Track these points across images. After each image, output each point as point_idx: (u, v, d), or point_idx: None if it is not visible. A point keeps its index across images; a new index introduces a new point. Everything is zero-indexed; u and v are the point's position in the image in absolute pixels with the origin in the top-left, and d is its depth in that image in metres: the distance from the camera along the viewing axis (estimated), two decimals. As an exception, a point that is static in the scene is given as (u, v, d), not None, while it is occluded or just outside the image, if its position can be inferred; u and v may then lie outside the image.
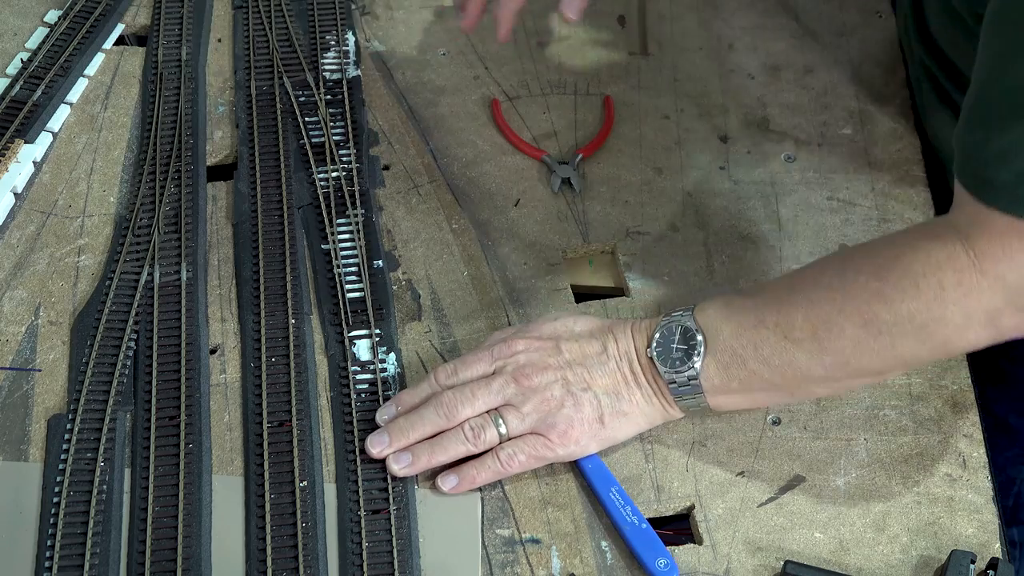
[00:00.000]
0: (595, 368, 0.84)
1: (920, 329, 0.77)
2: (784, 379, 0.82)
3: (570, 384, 0.84)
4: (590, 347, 0.85)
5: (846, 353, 0.79)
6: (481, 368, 0.86)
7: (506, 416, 0.83)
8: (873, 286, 0.77)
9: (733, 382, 0.83)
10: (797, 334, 0.80)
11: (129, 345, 0.91)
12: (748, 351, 0.81)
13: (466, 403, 0.84)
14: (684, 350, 0.83)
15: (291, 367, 0.90)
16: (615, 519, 0.83)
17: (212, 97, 1.10)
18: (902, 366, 0.82)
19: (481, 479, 0.84)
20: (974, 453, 0.88)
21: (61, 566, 0.80)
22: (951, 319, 0.76)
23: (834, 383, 0.83)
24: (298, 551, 0.81)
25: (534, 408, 0.83)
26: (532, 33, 1.16)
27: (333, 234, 0.98)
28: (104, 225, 1.00)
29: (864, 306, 0.78)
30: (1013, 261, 0.74)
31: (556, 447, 0.83)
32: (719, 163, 1.05)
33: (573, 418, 0.83)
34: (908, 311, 0.77)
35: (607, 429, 0.84)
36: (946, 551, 0.82)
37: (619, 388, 0.84)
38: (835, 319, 0.79)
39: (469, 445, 0.83)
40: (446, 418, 0.84)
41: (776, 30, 1.16)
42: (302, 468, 0.85)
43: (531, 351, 0.85)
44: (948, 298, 0.75)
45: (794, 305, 0.80)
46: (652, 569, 0.80)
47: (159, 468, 0.85)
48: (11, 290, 0.96)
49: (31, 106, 1.07)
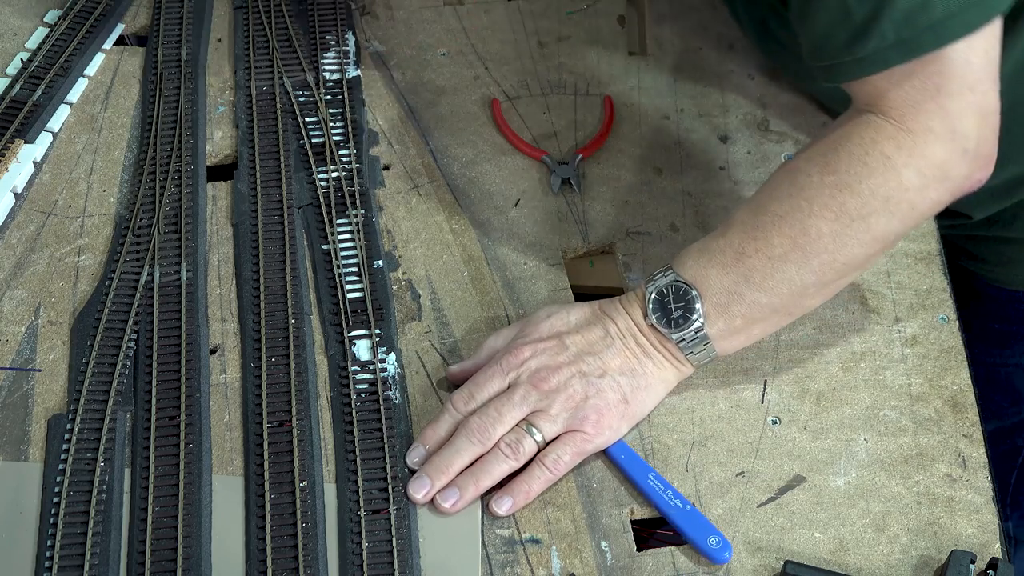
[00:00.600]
0: (604, 353, 0.86)
1: (886, 202, 0.80)
2: (782, 299, 0.84)
3: (587, 375, 0.85)
4: (593, 334, 0.86)
5: (830, 250, 0.82)
6: (496, 385, 0.85)
7: (538, 423, 0.84)
8: (829, 180, 0.81)
9: (736, 320, 0.84)
10: (779, 250, 0.82)
11: (129, 345, 0.91)
12: (741, 285, 0.83)
13: (496, 423, 0.83)
14: (682, 307, 0.84)
15: (291, 367, 0.90)
16: (659, 505, 0.83)
17: (212, 97, 1.10)
18: (882, 246, 0.84)
19: (535, 490, 0.83)
20: (974, 453, 0.88)
21: (61, 566, 0.80)
22: (909, 182, 0.80)
23: (826, 287, 0.85)
24: (298, 551, 0.81)
25: (561, 408, 0.84)
26: (532, 33, 1.16)
27: (333, 234, 0.98)
28: (104, 225, 1.00)
29: (829, 200, 0.81)
30: (925, 109, 0.78)
31: (593, 438, 0.84)
32: (719, 163, 1.05)
33: (600, 406, 0.84)
34: (869, 189, 0.80)
35: (633, 407, 0.86)
36: (946, 551, 0.82)
37: (632, 365, 0.86)
38: (808, 222, 0.81)
39: (511, 462, 0.83)
40: (480, 444, 0.83)
41: (776, 30, 1.16)
42: (302, 468, 0.85)
43: (540, 354, 0.85)
44: (897, 164, 0.79)
45: (764, 226, 0.83)
46: (705, 548, 0.81)
47: (159, 468, 0.85)
48: (11, 290, 0.96)
49: (31, 106, 1.07)
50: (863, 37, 0.78)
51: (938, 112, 0.79)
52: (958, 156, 0.80)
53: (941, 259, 0.98)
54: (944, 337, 0.94)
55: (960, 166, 0.81)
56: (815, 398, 0.91)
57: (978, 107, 0.80)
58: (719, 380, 0.91)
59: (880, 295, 0.96)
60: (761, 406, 0.90)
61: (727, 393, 0.91)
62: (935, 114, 0.79)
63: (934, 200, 0.82)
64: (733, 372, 0.92)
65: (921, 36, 0.77)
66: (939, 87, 0.78)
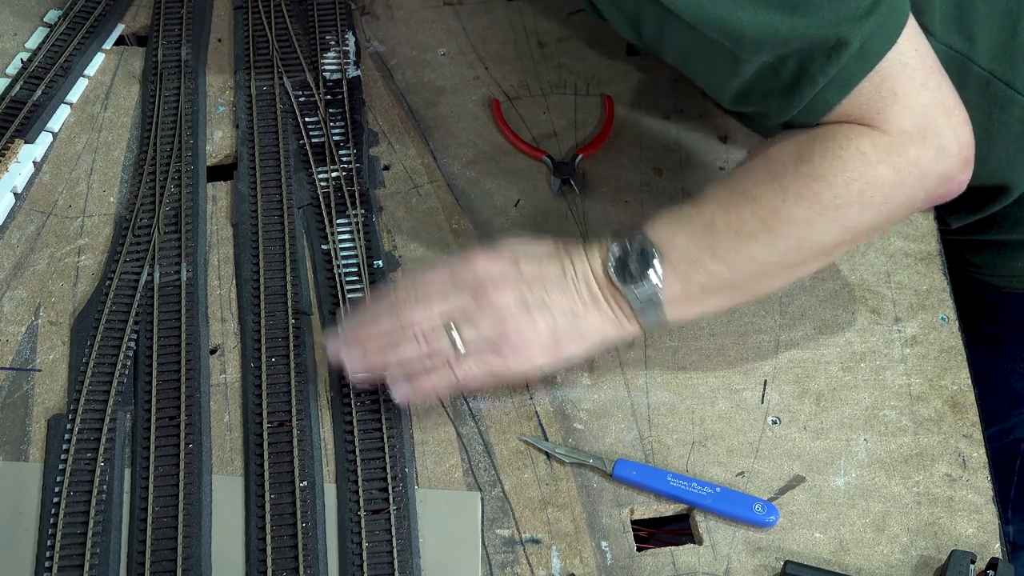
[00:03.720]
0: (554, 288, 0.84)
1: (860, 195, 0.80)
2: (743, 276, 0.84)
3: (527, 302, 0.84)
4: (549, 269, 0.85)
5: (799, 235, 0.82)
6: (439, 283, 0.85)
7: (460, 327, 0.83)
8: (803, 169, 0.81)
9: (693, 288, 0.84)
10: (748, 228, 0.82)
11: (129, 345, 0.91)
12: (705, 254, 0.83)
13: (419, 306, 0.84)
14: (642, 265, 0.84)
15: (291, 367, 0.90)
16: (690, 500, 0.84)
17: (212, 97, 1.10)
18: (851, 237, 0.84)
19: (436, 391, 0.85)
20: (974, 453, 0.88)
21: (61, 566, 0.80)
22: (884, 178, 0.80)
23: (789, 270, 0.85)
24: (298, 551, 0.81)
25: (490, 324, 0.83)
26: (532, 33, 1.16)
27: (333, 234, 0.98)
28: (104, 225, 1.00)
29: (804, 188, 0.81)
30: (893, 111, 0.79)
31: (509, 361, 0.84)
32: (719, 163, 1.05)
33: (528, 336, 0.83)
34: (844, 181, 0.80)
35: (561, 348, 0.85)
36: (946, 551, 0.82)
37: (576, 309, 0.85)
38: (781, 207, 0.81)
39: (421, 346, 0.83)
40: (401, 327, 0.84)
41: (776, 30, 1.16)
42: (302, 468, 0.85)
43: (490, 268, 0.85)
44: (871, 159, 0.80)
45: (738, 204, 0.83)
46: (752, 518, 0.83)
47: (159, 468, 0.85)
48: (11, 290, 0.96)
49: (31, 106, 1.07)
50: (796, 91, 0.79)
51: (905, 112, 0.80)
52: (934, 153, 0.81)
53: (941, 259, 0.98)
54: (944, 337, 0.94)
55: (938, 163, 0.81)
56: (815, 398, 0.91)
57: (939, 102, 0.81)
58: (719, 380, 0.91)
59: (880, 295, 0.96)
60: (761, 406, 0.90)
61: (727, 393, 0.91)
62: (902, 115, 0.80)
63: (910, 197, 0.82)
64: (733, 372, 0.92)
65: (850, 70, 0.78)
66: (895, 91, 0.79)
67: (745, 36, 0.78)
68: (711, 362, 0.92)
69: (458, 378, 0.83)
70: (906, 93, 0.79)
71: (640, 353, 0.93)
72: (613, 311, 0.85)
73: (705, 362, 0.92)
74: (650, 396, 0.91)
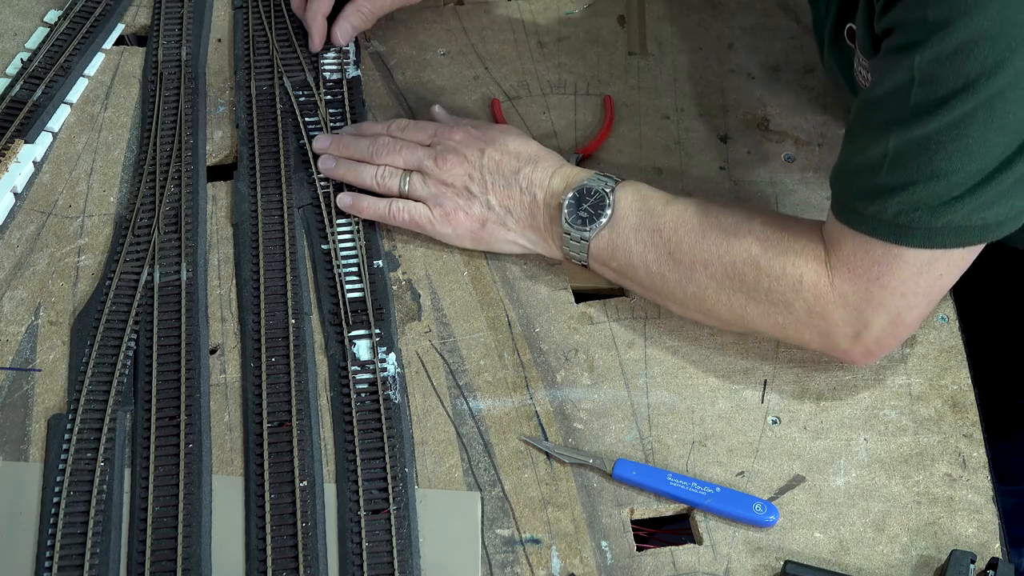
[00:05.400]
0: (500, 183, 0.94)
1: (770, 306, 0.85)
2: (652, 285, 0.90)
3: (473, 183, 0.94)
4: (508, 164, 0.94)
5: (708, 293, 0.87)
6: (422, 136, 0.98)
7: (412, 178, 0.96)
8: (755, 251, 0.85)
9: (612, 262, 0.91)
10: (678, 255, 0.88)
11: (129, 345, 0.91)
12: (637, 247, 0.89)
13: (391, 153, 0.98)
14: (591, 214, 0.90)
15: (291, 367, 0.90)
16: (690, 500, 0.84)
17: (212, 97, 1.10)
18: (743, 327, 0.89)
19: (366, 212, 0.98)
20: (974, 453, 0.88)
21: (61, 566, 0.80)
22: (796, 311, 0.84)
23: (687, 311, 0.91)
24: (298, 551, 0.81)
25: (435, 185, 0.95)
26: (532, 33, 1.16)
27: (333, 234, 0.98)
28: (104, 225, 1.00)
29: (740, 263, 0.85)
30: (854, 281, 0.81)
31: (436, 223, 0.95)
32: (719, 163, 1.05)
33: (459, 211, 0.95)
34: (767, 287, 0.85)
35: (485, 234, 0.95)
36: (946, 551, 0.82)
37: (512, 208, 0.94)
38: (713, 261, 0.86)
39: (375, 181, 0.97)
40: (372, 155, 0.98)
41: (776, 30, 1.16)
42: (302, 468, 0.85)
43: (462, 144, 0.96)
44: (801, 293, 0.84)
45: (691, 230, 0.87)
46: (752, 517, 0.83)
47: (159, 468, 0.85)
48: (11, 290, 0.96)
49: (31, 106, 1.07)
50: (871, 197, 0.79)
51: (862, 292, 0.82)
52: (848, 332, 0.84)
53: (941, 259, 0.98)
54: (944, 337, 0.94)
55: (843, 341, 0.85)
56: (815, 398, 0.91)
57: (895, 312, 0.82)
58: (719, 380, 0.91)
59: (880, 295, 0.96)
60: (761, 406, 0.90)
61: (727, 393, 0.91)
62: (859, 292, 0.82)
63: (803, 339, 0.87)
64: (733, 372, 0.92)
65: (909, 232, 0.78)
66: (879, 276, 0.81)
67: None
68: (711, 362, 0.92)
69: (390, 213, 0.96)
70: (883, 285, 0.81)
71: (640, 353, 0.93)
72: (544, 227, 0.93)
73: (705, 362, 0.92)
74: (650, 396, 0.91)
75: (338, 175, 1.00)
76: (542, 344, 0.93)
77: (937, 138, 0.75)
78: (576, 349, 0.93)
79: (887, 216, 0.78)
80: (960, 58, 0.72)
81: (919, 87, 0.75)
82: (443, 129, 0.98)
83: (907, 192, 0.77)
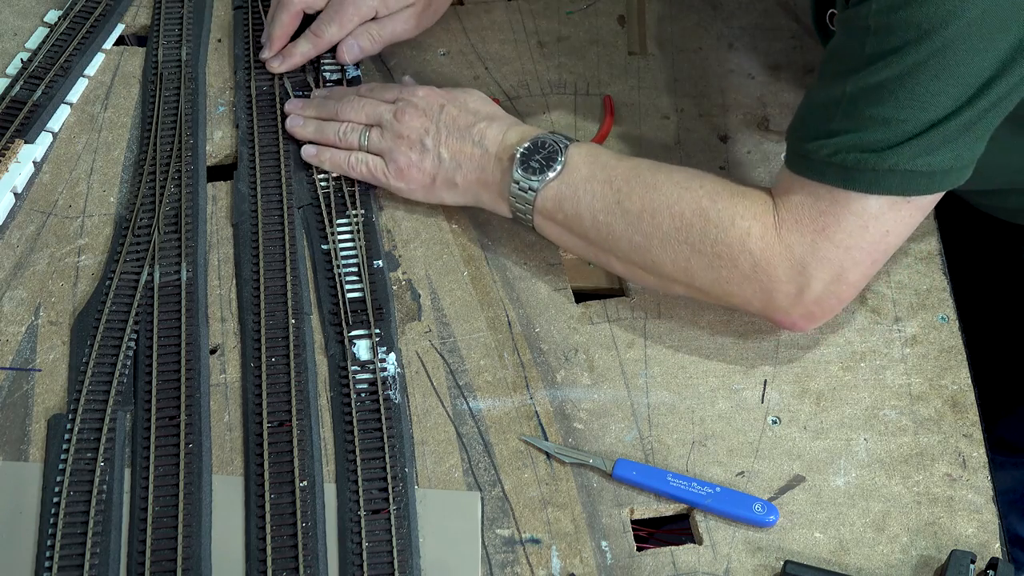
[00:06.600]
0: (454, 135, 0.95)
1: (714, 258, 0.85)
2: (598, 236, 0.90)
3: (428, 136, 0.96)
4: (464, 119, 0.96)
5: (652, 243, 0.87)
6: (388, 95, 1.01)
7: (371, 132, 0.99)
8: (704, 204, 0.86)
9: (559, 214, 0.91)
10: (627, 204, 0.88)
11: (129, 345, 0.91)
12: (586, 197, 0.90)
13: (355, 110, 1.01)
14: (542, 164, 0.91)
15: (291, 367, 0.90)
16: (690, 500, 0.84)
17: (212, 97, 1.10)
18: (685, 281, 0.88)
19: (327, 164, 1.01)
20: (974, 453, 0.88)
21: (61, 566, 0.80)
22: (741, 265, 0.85)
23: (629, 266, 0.91)
24: (298, 551, 0.81)
25: (391, 139, 0.98)
26: (532, 33, 1.16)
27: (333, 234, 0.98)
28: (104, 225, 1.00)
29: (688, 213, 0.86)
30: (800, 232, 0.82)
31: (390, 177, 0.98)
32: (719, 163, 1.05)
33: (412, 165, 0.97)
34: (714, 238, 0.85)
35: (435, 189, 0.97)
36: (946, 551, 0.82)
37: (462, 161, 0.95)
38: (661, 211, 0.87)
39: (337, 137, 1.01)
40: (337, 112, 1.02)
41: (776, 30, 1.16)
42: (302, 468, 0.85)
43: (423, 100, 0.98)
44: (747, 245, 0.84)
45: (642, 182, 0.88)
46: (752, 517, 0.83)
47: (159, 468, 0.85)
48: (11, 290, 0.96)
49: (31, 106, 1.07)
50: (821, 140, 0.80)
51: (808, 244, 0.82)
52: (791, 290, 0.84)
53: (941, 259, 0.98)
54: (944, 337, 0.94)
55: (784, 299, 0.85)
56: (815, 398, 0.91)
57: (839, 267, 0.83)
58: (719, 380, 0.91)
59: (880, 295, 0.96)
60: (761, 406, 0.90)
61: (727, 393, 0.91)
62: (805, 243, 0.82)
63: (745, 297, 0.86)
64: (733, 372, 0.92)
65: (855, 175, 0.79)
66: (825, 227, 0.82)
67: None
68: (711, 362, 0.92)
69: (348, 165, 1.00)
70: (828, 236, 0.82)
71: (640, 353, 0.93)
72: (493, 180, 0.94)
73: (705, 362, 0.92)
74: (650, 396, 0.91)
75: (304, 134, 1.03)
76: (542, 344, 0.93)
77: (889, 85, 0.77)
78: (576, 349, 0.93)
79: (835, 160, 0.79)
80: (913, 8, 0.74)
81: (873, 36, 0.77)
82: (408, 89, 1.00)
83: (856, 135, 0.78)
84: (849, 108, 0.79)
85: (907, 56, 0.75)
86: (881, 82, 0.77)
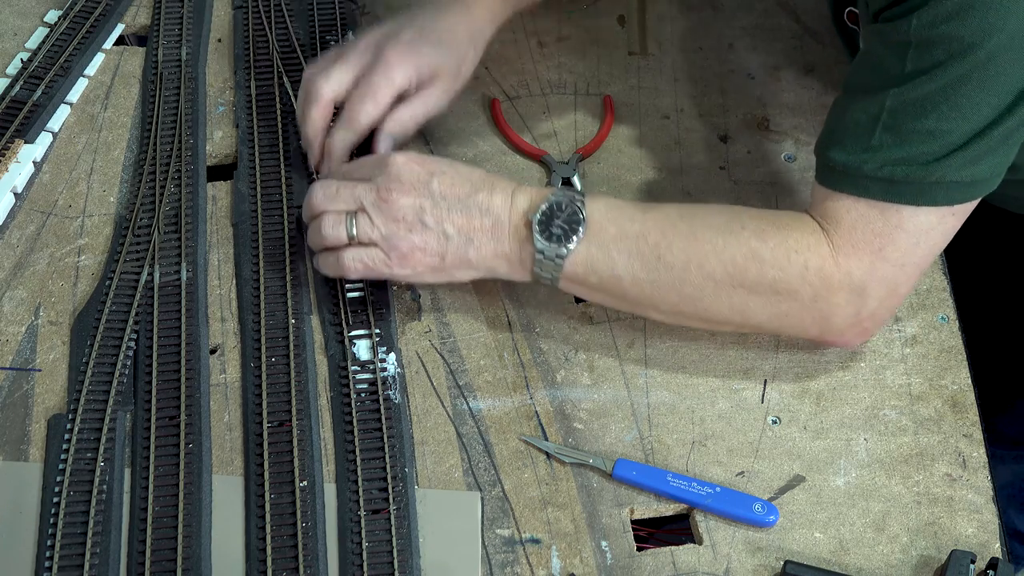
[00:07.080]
0: (456, 208, 0.86)
1: (773, 296, 0.84)
2: (640, 294, 0.86)
3: (425, 214, 0.86)
4: (460, 188, 0.87)
5: (705, 292, 0.84)
6: (366, 172, 0.89)
7: (358, 219, 0.87)
8: (753, 244, 0.83)
9: (592, 277, 0.86)
10: (669, 258, 0.84)
11: (129, 345, 0.91)
12: (621, 258, 0.85)
13: (330, 201, 0.88)
14: (565, 230, 0.85)
15: (291, 367, 0.90)
16: (690, 500, 0.84)
17: (212, 97, 1.10)
18: (740, 323, 0.87)
19: (324, 271, 0.90)
20: (974, 453, 0.88)
21: (61, 566, 0.80)
22: (801, 297, 0.83)
23: (676, 316, 0.88)
24: (298, 551, 0.81)
25: (383, 224, 0.86)
26: (532, 33, 1.16)
27: (333, 234, 0.98)
28: (104, 225, 1.00)
29: (739, 258, 0.83)
30: (859, 256, 0.81)
31: (394, 266, 0.87)
32: (719, 163, 1.05)
33: (416, 247, 0.86)
34: (772, 277, 0.83)
35: (446, 269, 0.88)
36: (946, 551, 0.82)
37: (475, 236, 0.86)
38: (710, 259, 0.83)
39: (321, 236, 0.88)
40: (309, 208, 0.90)
41: (776, 30, 1.16)
42: (302, 468, 0.85)
43: (406, 171, 0.87)
44: (807, 278, 0.83)
45: (679, 233, 0.84)
46: (752, 517, 0.83)
47: (159, 468, 0.85)
48: (11, 290, 0.96)
49: (31, 106, 1.07)
50: (864, 157, 0.80)
51: (867, 267, 0.82)
52: (849, 312, 0.84)
53: (941, 259, 0.98)
54: (944, 337, 0.94)
55: (842, 321, 0.85)
56: (815, 398, 0.91)
57: (893, 283, 0.83)
58: (719, 380, 0.91)
59: (880, 295, 0.96)
60: (761, 406, 0.90)
61: (727, 393, 0.91)
62: (863, 267, 0.82)
63: (803, 327, 0.86)
64: (733, 372, 0.92)
65: (901, 188, 0.79)
66: (881, 248, 0.81)
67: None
68: (711, 362, 0.92)
69: (344, 270, 0.88)
70: (885, 257, 0.82)
71: (640, 353, 0.93)
72: (512, 251, 0.87)
73: (705, 362, 0.92)
74: (650, 396, 0.91)
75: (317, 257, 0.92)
76: (542, 344, 0.93)
77: (933, 99, 0.77)
78: (576, 349, 0.93)
79: (880, 173, 0.79)
80: (956, 21, 0.74)
81: (915, 50, 0.77)
82: (380, 161, 0.89)
83: (900, 149, 0.78)
84: (891, 122, 0.78)
85: (950, 69, 0.75)
86: (924, 95, 0.77)
